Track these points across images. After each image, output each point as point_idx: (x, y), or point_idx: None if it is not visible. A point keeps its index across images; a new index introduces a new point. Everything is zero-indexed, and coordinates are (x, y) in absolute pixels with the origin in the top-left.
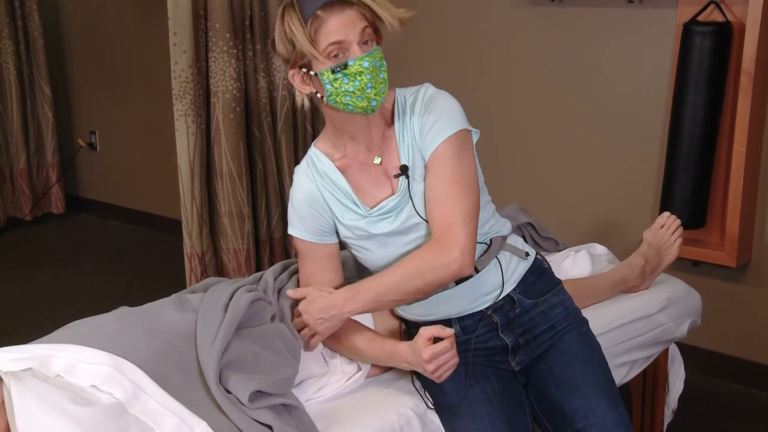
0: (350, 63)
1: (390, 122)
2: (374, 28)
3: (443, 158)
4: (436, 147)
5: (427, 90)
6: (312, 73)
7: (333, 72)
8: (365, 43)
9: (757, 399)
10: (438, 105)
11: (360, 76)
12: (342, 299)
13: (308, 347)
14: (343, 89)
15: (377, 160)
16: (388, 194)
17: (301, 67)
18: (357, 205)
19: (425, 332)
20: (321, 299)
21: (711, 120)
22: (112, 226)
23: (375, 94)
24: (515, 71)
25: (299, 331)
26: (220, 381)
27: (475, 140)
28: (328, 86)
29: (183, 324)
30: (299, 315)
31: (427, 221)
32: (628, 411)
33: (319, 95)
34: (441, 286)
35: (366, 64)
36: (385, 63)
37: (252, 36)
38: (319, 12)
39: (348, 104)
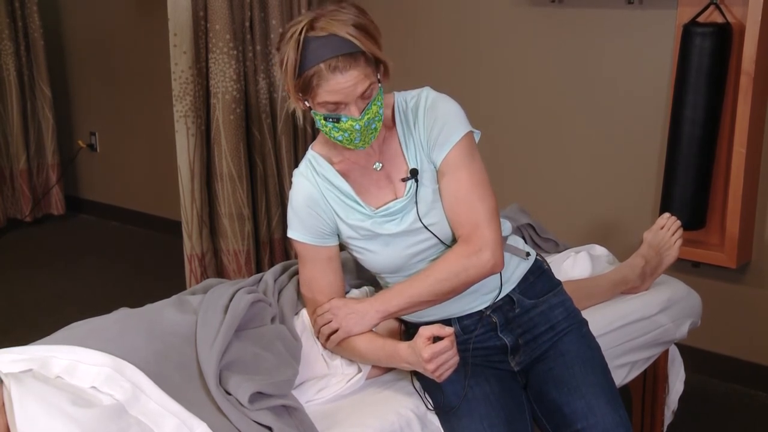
0: (343, 119)
1: (391, 125)
2: (378, 68)
3: (457, 163)
4: (447, 153)
5: (429, 95)
6: (307, 104)
7: (325, 119)
8: (364, 96)
9: (757, 399)
10: (442, 110)
11: (350, 131)
12: (378, 303)
13: (326, 343)
14: (332, 134)
15: (377, 166)
16: (392, 197)
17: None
18: (361, 206)
19: (425, 332)
20: (353, 302)
21: (711, 121)
22: (112, 227)
23: (363, 143)
24: (515, 72)
25: (320, 327)
26: (220, 382)
27: (476, 141)
28: (319, 124)
29: (183, 325)
30: (317, 314)
31: (427, 228)
32: (628, 412)
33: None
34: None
35: (357, 126)
36: (381, 111)
37: (252, 37)
38: (321, 66)
39: (336, 142)
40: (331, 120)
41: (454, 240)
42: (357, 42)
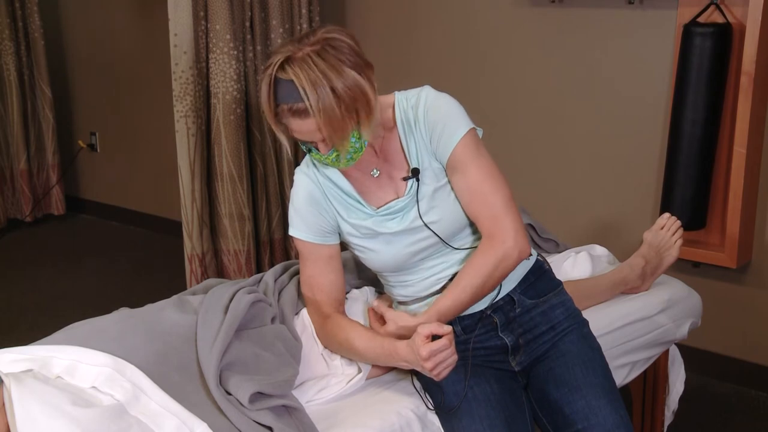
0: (314, 151)
1: (392, 125)
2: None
3: (465, 158)
4: (453, 149)
5: (429, 94)
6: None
7: (302, 142)
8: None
9: (757, 400)
10: (442, 109)
11: (320, 161)
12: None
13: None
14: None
15: (375, 173)
16: (393, 196)
17: None
18: (363, 205)
19: (423, 330)
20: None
21: (711, 121)
22: (112, 227)
23: (342, 166)
24: (515, 72)
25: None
26: (220, 382)
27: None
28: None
29: (183, 325)
30: (383, 322)
31: (427, 226)
32: (628, 412)
33: None
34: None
35: (325, 161)
36: (359, 143)
37: (252, 37)
38: (284, 107)
39: None
40: (305, 145)
41: (455, 238)
42: (310, 105)
